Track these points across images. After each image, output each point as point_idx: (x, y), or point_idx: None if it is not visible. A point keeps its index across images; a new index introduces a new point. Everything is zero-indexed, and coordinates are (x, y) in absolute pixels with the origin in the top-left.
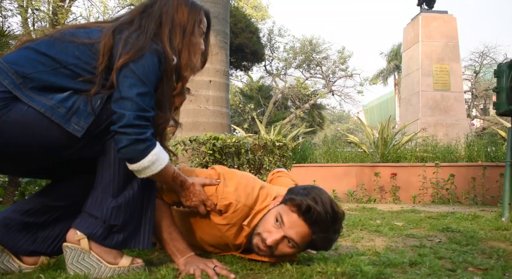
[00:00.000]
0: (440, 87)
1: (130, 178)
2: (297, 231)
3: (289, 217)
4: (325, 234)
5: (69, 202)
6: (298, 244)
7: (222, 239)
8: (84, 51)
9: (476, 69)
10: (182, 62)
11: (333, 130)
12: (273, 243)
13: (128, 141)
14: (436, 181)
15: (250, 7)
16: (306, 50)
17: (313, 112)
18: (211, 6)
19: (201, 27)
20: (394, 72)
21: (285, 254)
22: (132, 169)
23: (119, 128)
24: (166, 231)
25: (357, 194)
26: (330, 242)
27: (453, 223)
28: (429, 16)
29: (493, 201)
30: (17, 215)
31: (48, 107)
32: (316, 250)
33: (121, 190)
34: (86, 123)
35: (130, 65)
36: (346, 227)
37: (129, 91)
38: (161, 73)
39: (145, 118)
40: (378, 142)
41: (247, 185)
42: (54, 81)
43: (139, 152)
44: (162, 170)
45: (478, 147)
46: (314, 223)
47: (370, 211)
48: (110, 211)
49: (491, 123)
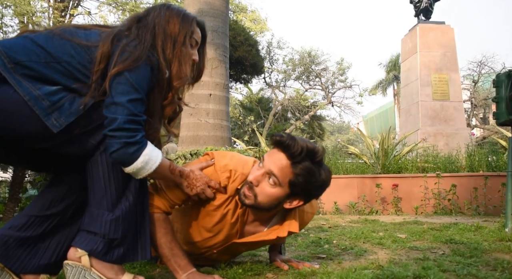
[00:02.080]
0: (439, 97)
1: (122, 189)
2: (275, 162)
3: (268, 153)
4: (305, 164)
5: (62, 207)
6: (279, 178)
7: (222, 225)
8: (80, 52)
9: (475, 79)
10: (173, 72)
11: (333, 141)
12: (254, 179)
13: (118, 145)
14: (438, 191)
15: (249, 20)
16: (305, 61)
17: (313, 123)
18: (210, 20)
19: (194, 38)
20: (393, 82)
21: (269, 195)
22: (127, 172)
23: (109, 131)
24: (168, 247)
25: (358, 206)
26: (314, 176)
27: (456, 235)
28: (427, 26)
29: (495, 211)
30: (14, 231)
31: (32, 96)
32: (303, 196)
33: (116, 203)
34: (66, 121)
35: (125, 73)
36: (349, 240)
37: (121, 97)
38: (153, 83)
39: (136, 122)
40: (378, 153)
41: (240, 158)
42: (45, 73)
43: (130, 155)
44: (158, 168)
45: (479, 157)
46: (292, 154)
47: (373, 223)
48: (108, 225)
49: (491, 132)
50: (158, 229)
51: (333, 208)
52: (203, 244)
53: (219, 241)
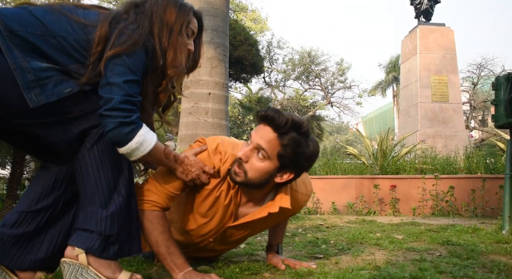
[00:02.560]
0: (439, 98)
1: (113, 184)
2: (262, 136)
3: (255, 129)
4: (291, 135)
5: (51, 200)
6: (267, 151)
7: (216, 208)
8: (76, 29)
9: (474, 81)
10: (168, 60)
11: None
12: (243, 155)
13: (114, 125)
14: (435, 193)
15: (249, 19)
16: (305, 62)
17: (312, 123)
18: (210, 19)
19: (190, 28)
20: (392, 83)
21: (259, 170)
22: (122, 152)
23: (105, 111)
24: (164, 245)
25: (356, 206)
26: (302, 146)
27: (453, 236)
28: (427, 28)
29: (493, 213)
30: (7, 229)
31: (19, 66)
32: (294, 168)
33: (108, 198)
34: (45, 100)
35: (123, 56)
36: (346, 241)
37: (117, 78)
38: (147, 68)
39: (131, 102)
40: (377, 154)
41: (230, 140)
42: (39, 45)
43: (125, 135)
44: (152, 150)
45: (477, 159)
46: (277, 126)
47: (370, 223)
48: (104, 222)
49: (489, 134)
50: (156, 227)
51: (331, 208)
52: (198, 232)
53: (214, 226)
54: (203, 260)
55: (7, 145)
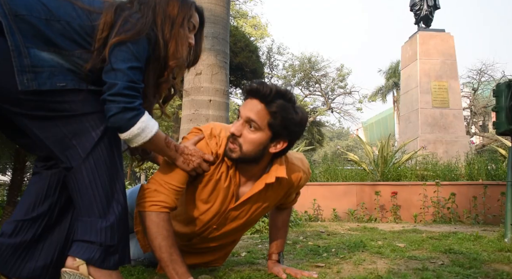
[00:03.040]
0: (439, 104)
1: (111, 191)
2: (250, 108)
3: (243, 104)
4: (278, 102)
5: (46, 207)
6: (258, 122)
7: (217, 192)
8: (81, 15)
9: (474, 86)
10: (170, 51)
11: (332, 147)
12: (235, 129)
13: (117, 109)
14: (437, 200)
15: (249, 25)
16: (305, 68)
17: (312, 129)
18: (211, 26)
19: (191, 22)
20: (392, 89)
21: (252, 142)
22: (123, 138)
23: (108, 96)
24: (167, 251)
25: (357, 213)
26: (290, 112)
27: (455, 244)
28: (427, 34)
29: (494, 220)
30: (5, 238)
31: (18, 49)
32: (286, 136)
33: (107, 208)
34: (36, 86)
35: (127, 43)
36: (348, 249)
37: (121, 64)
38: (149, 57)
39: (134, 88)
40: (378, 160)
41: (222, 124)
42: (44, 30)
43: (127, 120)
44: (153, 137)
45: (479, 165)
46: (263, 96)
47: (371, 231)
48: (104, 233)
49: (490, 140)
50: (160, 231)
51: (332, 215)
52: (202, 220)
53: (216, 210)
54: (203, 271)
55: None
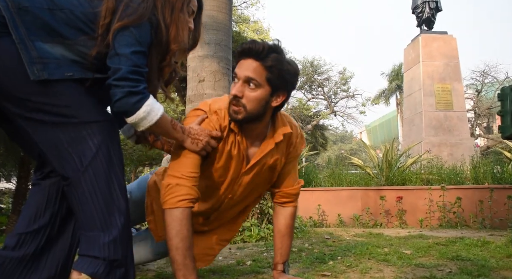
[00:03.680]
0: (443, 106)
1: (111, 202)
2: (247, 67)
3: (237, 66)
4: (272, 56)
5: (47, 218)
6: (257, 79)
7: (229, 161)
8: (82, 3)
9: (478, 88)
10: (171, 35)
11: (336, 150)
12: (237, 90)
13: (122, 94)
14: (442, 204)
15: (251, 30)
16: (307, 71)
17: (315, 132)
18: (213, 33)
19: (190, 7)
20: (395, 92)
21: (255, 99)
22: (130, 122)
23: (113, 81)
24: (183, 254)
25: (362, 218)
26: (285, 64)
27: (462, 250)
28: (429, 36)
29: (501, 224)
30: (9, 252)
31: (24, 43)
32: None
33: (109, 220)
34: (46, 76)
35: (130, 28)
36: (354, 256)
37: (125, 48)
38: (151, 42)
39: (139, 73)
40: (382, 165)
41: (218, 98)
42: (48, 20)
43: (133, 104)
44: (159, 120)
45: (484, 169)
46: (257, 53)
47: (377, 237)
48: (107, 247)
49: (495, 141)
50: (181, 229)
51: (337, 221)
52: (219, 193)
53: (231, 180)
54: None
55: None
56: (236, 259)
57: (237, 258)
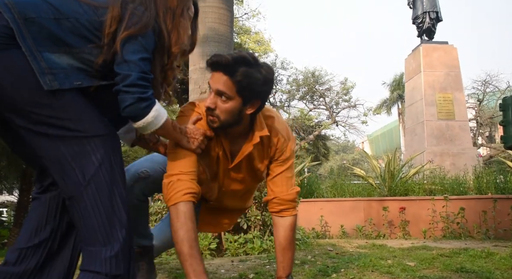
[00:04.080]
0: (445, 116)
1: (113, 214)
2: (217, 81)
3: (210, 78)
4: (240, 71)
5: (48, 232)
6: (227, 93)
7: (217, 158)
8: (87, 11)
9: (480, 97)
10: (172, 40)
11: (338, 160)
12: (210, 102)
13: (132, 100)
14: (446, 214)
15: (253, 41)
16: (309, 82)
17: (317, 143)
18: (215, 45)
19: (189, 13)
20: (397, 101)
21: (227, 110)
22: (137, 126)
23: (123, 87)
24: (189, 245)
25: (365, 229)
26: (253, 77)
27: (467, 262)
28: (430, 46)
29: (505, 235)
30: (10, 267)
31: (32, 54)
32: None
33: (111, 235)
34: (58, 86)
35: (138, 37)
36: (357, 268)
37: (133, 55)
38: (155, 47)
39: (146, 79)
40: (385, 175)
41: (201, 99)
42: (54, 30)
43: (142, 110)
44: (164, 124)
45: (487, 179)
46: (224, 67)
47: (380, 248)
48: (109, 263)
49: (497, 151)
50: (186, 221)
51: (340, 232)
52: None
53: (222, 173)
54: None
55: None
56: (238, 272)
57: (239, 271)
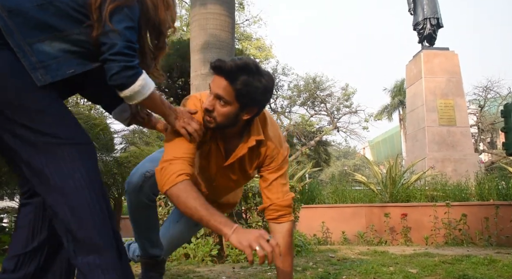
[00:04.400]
0: (446, 122)
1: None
2: (218, 85)
3: (212, 80)
4: (241, 79)
5: (44, 237)
6: (226, 98)
7: (211, 154)
8: None
9: (481, 103)
10: (161, 16)
11: (339, 166)
12: (209, 105)
13: (118, 68)
14: (448, 221)
15: (254, 47)
16: (310, 87)
17: (318, 148)
18: (216, 52)
19: None
20: (398, 107)
21: (225, 114)
22: (124, 95)
23: (109, 55)
24: (203, 208)
25: (367, 236)
26: (254, 85)
27: (469, 269)
28: (431, 53)
29: (508, 241)
30: (8, 275)
31: (22, 49)
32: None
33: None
34: (51, 79)
35: (124, 8)
36: (359, 275)
37: (118, 24)
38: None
39: (132, 48)
40: (386, 181)
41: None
42: (40, 17)
43: (129, 78)
44: (151, 94)
45: (489, 185)
46: (227, 73)
47: (382, 255)
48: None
49: (499, 157)
50: (190, 194)
51: (341, 238)
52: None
53: (215, 168)
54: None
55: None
56: (239, 278)
57: (240, 278)
